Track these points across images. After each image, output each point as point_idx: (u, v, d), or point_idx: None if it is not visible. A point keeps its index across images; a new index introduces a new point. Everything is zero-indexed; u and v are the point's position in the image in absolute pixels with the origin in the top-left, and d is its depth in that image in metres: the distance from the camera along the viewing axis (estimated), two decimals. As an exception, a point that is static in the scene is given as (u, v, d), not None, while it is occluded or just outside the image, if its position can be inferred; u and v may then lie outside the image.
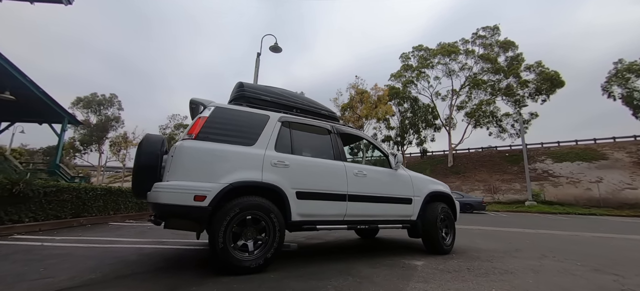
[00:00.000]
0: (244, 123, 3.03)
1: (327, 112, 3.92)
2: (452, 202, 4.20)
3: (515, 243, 5.07)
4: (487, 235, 6.34)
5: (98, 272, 2.54)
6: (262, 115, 3.18)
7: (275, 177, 2.87)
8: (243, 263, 2.53)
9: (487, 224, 9.16)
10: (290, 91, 3.84)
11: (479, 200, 15.82)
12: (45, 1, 8.14)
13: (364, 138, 3.96)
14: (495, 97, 30.91)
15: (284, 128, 3.25)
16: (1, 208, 4.25)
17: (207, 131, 2.82)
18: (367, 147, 4.29)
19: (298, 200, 2.95)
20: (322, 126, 3.54)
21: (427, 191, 3.90)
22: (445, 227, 4.00)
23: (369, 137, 3.99)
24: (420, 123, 35.12)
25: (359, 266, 2.97)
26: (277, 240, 2.71)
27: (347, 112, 30.66)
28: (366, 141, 3.99)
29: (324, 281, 2.40)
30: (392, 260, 3.33)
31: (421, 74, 33.54)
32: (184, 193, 2.49)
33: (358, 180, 3.37)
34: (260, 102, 3.40)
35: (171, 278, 2.40)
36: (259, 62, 12.18)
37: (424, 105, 35.48)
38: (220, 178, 2.63)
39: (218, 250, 2.46)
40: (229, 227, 2.54)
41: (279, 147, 3.09)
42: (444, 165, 34.47)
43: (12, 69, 7.90)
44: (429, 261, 3.31)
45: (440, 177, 30.52)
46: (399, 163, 3.74)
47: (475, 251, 4.13)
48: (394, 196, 3.60)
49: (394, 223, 3.60)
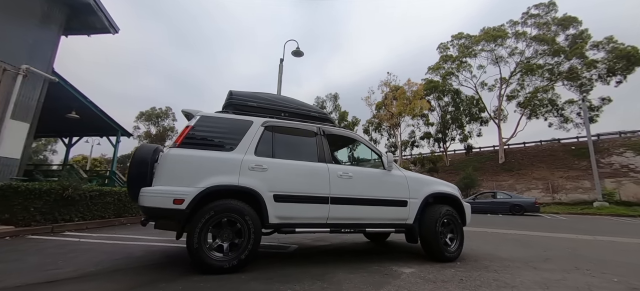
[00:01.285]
0: (226, 129, 3.17)
1: (317, 113, 3.88)
2: (459, 204, 3.81)
3: (550, 252, 4.39)
4: (520, 240, 5.59)
5: (100, 266, 2.89)
6: (245, 121, 3.29)
7: (252, 181, 2.94)
8: (216, 263, 2.65)
9: (531, 228, 8.06)
10: (281, 95, 3.91)
11: (530, 201, 13.97)
12: (98, 32, 9.55)
13: (354, 139, 3.81)
14: (553, 82, 27.05)
15: (267, 132, 3.31)
16: (55, 209, 5.10)
17: (190, 139, 3.02)
18: (358, 146, 4.12)
19: (276, 202, 2.97)
20: (307, 128, 3.52)
21: (426, 193, 3.60)
22: (450, 232, 3.65)
23: (359, 137, 3.84)
24: (464, 118, 32.46)
25: (338, 271, 2.88)
26: (251, 242, 2.77)
27: (382, 110, 29.79)
28: (357, 141, 3.83)
29: (289, 285, 2.38)
30: (381, 265, 3.15)
31: (462, 64, 30.99)
32: (164, 197, 2.70)
33: (342, 182, 3.27)
34: (247, 108, 3.52)
35: (154, 274, 2.62)
36: (282, 67, 12.55)
37: (467, 97, 32.76)
38: (198, 183, 2.79)
39: (193, 249, 2.62)
40: (204, 229, 2.68)
41: (260, 151, 3.16)
42: (493, 162, 31.26)
43: (75, 92, 9.46)
44: (422, 269, 3.05)
45: (489, 176, 27.88)
46: (391, 163, 3.52)
47: (489, 259, 3.68)
48: (385, 198, 3.40)
49: (386, 227, 3.40)
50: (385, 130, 33.92)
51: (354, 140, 3.80)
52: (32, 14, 7.81)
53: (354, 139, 3.79)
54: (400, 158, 35.80)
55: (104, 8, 9.04)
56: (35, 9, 7.86)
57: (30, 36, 7.77)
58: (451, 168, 31.91)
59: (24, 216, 4.64)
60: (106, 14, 9.15)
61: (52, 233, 4.88)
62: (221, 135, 3.14)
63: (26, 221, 4.65)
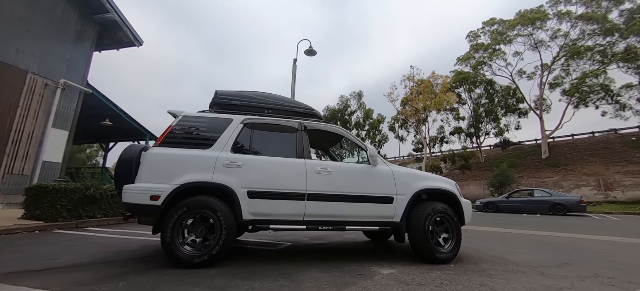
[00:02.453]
0: (206, 128, 3.24)
1: (303, 109, 3.81)
2: (456, 201, 3.48)
3: (575, 256, 3.84)
4: (545, 243, 4.97)
5: (93, 258, 3.12)
6: (225, 120, 3.33)
7: (226, 178, 2.96)
8: (187, 258, 2.70)
9: (569, 230, 7.15)
10: (266, 93, 3.88)
11: (574, 199, 12.42)
12: (126, 46, 10.44)
13: (338, 134, 3.66)
14: (606, 65, 23.86)
15: (246, 129, 3.33)
16: (80, 207, 5.64)
17: (171, 138, 3.14)
18: (342, 142, 3.93)
19: (250, 199, 2.96)
20: (287, 125, 3.46)
21: (416, 189, 3.34)
22: (444, 232, 3.35)
23: (343, 132, 3.67)
24: (499, 110, 30.04)
25: (311, 270, 2.77)
26: (223, 238, 2.79)
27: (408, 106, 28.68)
28: (342, 136, 3.67)
29: (250, 282, 2.34)
30: (361, 265, 2.98)
31: (496, 52, 28.65)
32: (142, 194, 2.83)
33: (320, 179, 3.16)
34: (230, 106, 3.57)
35: (133, 266, 2.76)
36: (295, 68, 12.62)
37: (502, 88, 30.29)
38: (174, 180, 2.88)
39: (165, 244, 2.70)
40: (177, 224, 2.75)
41: (238, 148, 3.19)
42: (536, 158, 28.46)
43: (108, 102, 10.45)
44: (404, 270, 2.83)
45: (530, 172, 25.45)
46: (376, 158, 3.32)
47: (491, 262, 3.32)
48: (368, 195, 3.22)
49: (369, 226, 3.21)
50: (412, 126, 32.62)
51: (339, 136, 3.65)
52: (68, 33, 8.76)
53: (338, 134, 3.64)
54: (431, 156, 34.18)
55: (129, 23, 9.85)
56: (70, 29, 8.81)
57: (67, 53, 8.72)
58: (486, 165, 29.66)
59: (52, 213, 5.20)
60: (131, 28, 9.96)
61: (76, 228, 5.40)
62: (201, 133, 3.21)
63: (54, 217, 5.19)
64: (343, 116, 46.10)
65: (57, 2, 8.47)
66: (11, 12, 7.44)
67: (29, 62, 7.80)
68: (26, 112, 7.73)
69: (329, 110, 47.45)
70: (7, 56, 7.36)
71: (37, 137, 7.96)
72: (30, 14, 7.81)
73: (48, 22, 8.22)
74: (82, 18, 9.10)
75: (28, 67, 7.77)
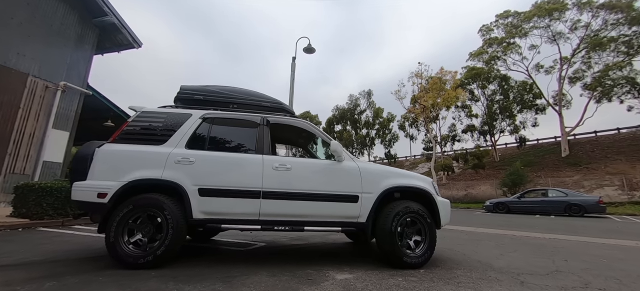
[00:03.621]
0: (163, 124, 3.11)
1: (270, 103, 3.62)
2: (430, 200, 3.18)
3: (571, 262, 3.45)
4: (545, 247, 4.54)
5: (47, 256, 3.08)
6: (183, 114, 3.20)
7: (176, 174, 2.82)
8: (131, 258, 2.57)
9: (581, 232, 6.57)
10: (233, 87, 3.73)
11: (592, 200, 11.55)
12: (125, 48, 10.64)
13: (302, 128, 3.43)
14: (632, 56, 22.25)
15: (205, 124, 3.18)
16: (67, 205, 5.70)
17: (125, 134, 3.04)
18: (305, 136, 3.69)
19: (201, 197, 2.81)
20: (248, 119, 3.28)
21: (384, 186, 3.07)
22: (416, 234, 3.06)
23: (308, 126, 3.44)
24: (514, 106, 28.73)
25: (261, 272, 2.57)
26: (169, 238, 2.64)
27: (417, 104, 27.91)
28: (303, 130, 3.44)
29: (189, 285, 2.18)
30: (318, 270, 2.75)
31: (510, 46, 27.40)
32: (89, 191, 2.73)
33: (278, 175, 2.96)
34: (193, 101, 3.44)
35: (76, 266, 2.67)
36: (294, 65, 12.46)
37: (517, 83, 28.96)
38: (122, 177, 2.76)
39: (108, 243, 2.58)
40: (122, 223, 2.63)
41: (193, 143, 3.04)
42: (555, 156, 26.99)
43: (108, 103, 10.68)
44: (361, 275, 2.58)
45: (549, 171, 24.15)
46: (340, 153, 3.08)
47: (468, 268, 3.00)
48: (330, 193, 2.98)
49: (330, 226, 2.97)
50: (422, 125, 31.77)
51: (302, 130, 3.42)
52: (68, 37, 8.99)
53: (301, 128, 3.42)
54: (442, 154, 33.18)
55: (127, 26, 10.01)
56: (70, 32, 9.04)
57: (67, 56, 8.95)
58: (501, 164, 28.42)
59: (38, 211, 5.27)
60: (129, 30, 10.13)
61: (62, 226, 5.45)
62: (156, 129, 3.09)
63: (39, 215, 5.26)
64: (352, 115, 45.67)
65: (57, 7, 8.71)
66: (11, 18, 7.69)
67: (30, 65, 8.04)
68: (27, 113, 7.98)
69: (338, 109, 47.17)
70: (8, 60, 7.61)
71: (38, 137, 8.20)
72: (30, 19, 8.06)
73: (48, 26, 8.46)
74: (81, 22, 9.32)
75: (29, 70, 8.02)
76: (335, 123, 47.75)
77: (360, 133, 43.90)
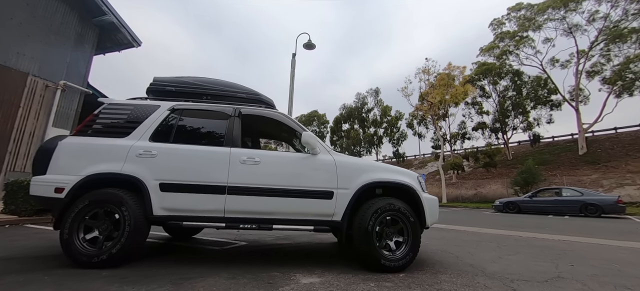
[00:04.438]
0: (128, 116, 2.97)
1: (246, 94, 3.41)
2: (415, 197, 2.89)
3: (578, 267, 3.09)
4: (547, 249, 4.15)
5: (7, 252, 2.99)
6: (150, 106, 3.04)
7: (137, 168, 2.65)
8: (84, 257, 2.41)
9: (594, 234, 6.08)
10: (207, 78, 3.54)
11: (610, 200, 10.82)
12: (125, 48, 10.71)
13: (276, 119, 3.19)
14: (655, 48, 20.93)
15: (173, 116, 3.01)
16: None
17: (89, 127, 2.90)
18: (283, 128, 3.44)
19: (162, 192, 2.63)
20: (220, 110, 3.09)
21: (362, 182, 2.80)
22: (398, 234, 2.78)
23: (282, 117, 3.19)
24: (528, 102, 27.62)
25: (222, 274, 2.36)
26: (125, 236, 2.47)
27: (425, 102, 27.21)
28: (276, 120, 3.20)
29: (136, 286, 2.00)
30: (283, 271, 2.52)
31: (523, 40, 26.32)
32: (46, 186, 2.59)
33: (245, 169, 2.74)
34: (165, 93, 3.29)
35: (30, 264, 2.53)
36: (294, 62, 12.28)
37: (531, 78, 27.82)
38: (81, 171, 2.62)
39: (62, 240, 2.43)
40: (77, 219, 2.48)
41: (159, 136, 2.88)
42: (572, 154, 25.78)
43: (110, 101, 10.78)
44: (329, 280, 2.32)
45: (565, 169, 23.06)
46: (313, 146, 2.83)
47: (455, 273, 2.70)
48: (302, 188, 2.74)
49: (302, 224, 2.72)
50: (430, 123, 31.00)
51: (277, 122, 3.19)
52: (68, 36, 9.09)
53: (276, 120, 3.18)
54: (452, 153, 32.30)
55: (126, 25, 10.05)
56: (70, 32, 9.14)
57: (67, 55, 9.05)
58: (514, 162, 27.38)
59: (26, 207, 5.26)
60: (129, 29, 10.17)
61: (51, 223, 5.42)
62: (121, 121, 2.94)
63: (28, 212, 5.25)
64: (360, 113, 45.20)
65: (57, 7, 8.81)
66: (11, 18, 7.81)
67: (30, 65, 8.15)
68: (27, 112, 8.10)
69: (345, 108, 46.75)
70: (8, 59, 7.72)
71: (38, 135, 8.31)
72: (30, 19, 8.17)
73: (48, 26, 8.56)
74: (81, 21, 9.41)
75: (28, 69, 8.13)
76: (343, 122, 47.39)
77: (368, 132, 43.39)
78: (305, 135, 2.79)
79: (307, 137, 2.78)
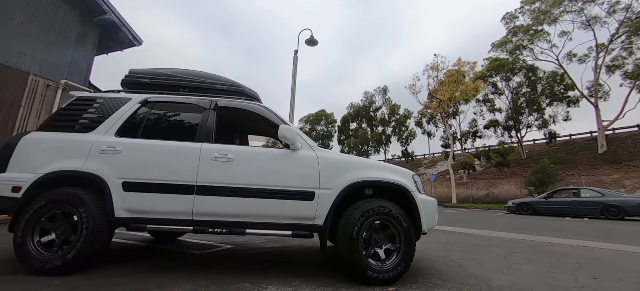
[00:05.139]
0: (97, 110, 2.76)
1: (227, 86, 3.15)
2: (410, 199, 2.54)
3: (602, 281, 2.69)
4: (565, 257, 3.72)
5: None
6: (121, 100, 2.83)
7: (99, 166, 2.42)
8: (38, 263, 2.19)
9: (618, 238, 5.54)
10: (187, 70, 3.30)
11: (634, 201, 10.04)
12: (127, 47, 10.71)
13: (254, 112, 2.90)
14: (684, 39, 19.60)
15: (144, 109, 2.78)
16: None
17: (55, 122, 2.71)
18: (263, 122, 3.14)
19: (125, 192, 2.39)
20: (194, 103, 2.83)
21: (348, 181, 2.48)
22: (389, 241, 2.44)
23: (260, 109, 2.89)
24: (543, 99, 26.47)
25: (180, 285, 2.10)
26: (82, 240, 2.24)
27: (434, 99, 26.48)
28: (253, 113, 2.90)
29: None
30: (255, 283, 2.23)
31: (538, 34, 25.23)
32: (4, 185, 2.40)
33: (217, 167, 2.47)
34: (140, 86, 3.07)
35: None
36: (296, 59, 12.03)
37: (546, 74, 26.65)
38: (40, 169, 2.41)
39: (15, 244, 2.22)
40: (32, 221, 2.27)
41: (126, 131, 2.64)
42: (591, 153, 24.53)
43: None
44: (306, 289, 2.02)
45: (584, 169, 21.93)
46: (293, 140, 2.53)
47: (458, 287, 2.35)
48: (280, 188, 2.44)
49: (278, 229, 2.42)
50: (439, 121, 30.19)
51: (257, 115, 2.90)
52: (70, 36, 9.11)
53: (255, 112, 2.89)
54: (463, 152, 31.38)
55: (127, 24, 10.03)
56: (72, 32, 9.16)
57: (69, 55, 9.08)
58: (528, 162, 26.29)
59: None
60: (130, 29, 10.15)
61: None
62: (89, 116, 2.73)
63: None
64: (368, 112, 44.62)
65: (59, 7, 8.84)
66: (12, 18, 7.85)
67: (31, 64, 8.18)
68: (28, 112, 8.13)
69: (353, 107, 46.23)
70: (9, 59, 7.76)
71: (40, 135, 8.34)
72: (31, 20, 8.20)
73: (49, 25, 8.59)
74: (83, 21, 9.43)
75: (30, 69, 8.16)
76: (351, 122, 46.92)
77: (376, 131, 42.76)
78: (283, 129, 2.48)
79: (285, 130, 2.47)
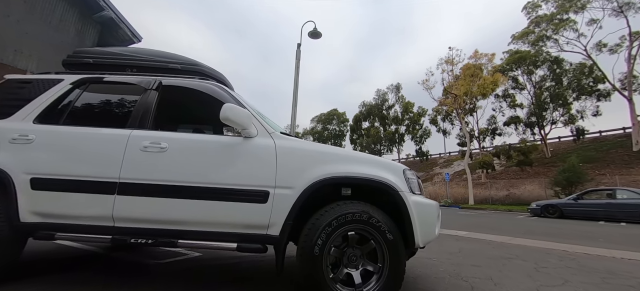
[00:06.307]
0: (21, 93, 2.31)
1: (181, 65, 2.62)
2: (400, 202, 1.89)
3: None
4: (610, 274, 2.93)
5: None
6: (52, 80, 2.38)
7: (4, 157, 1.95)
8: None
9: None
10: (139, 48, 2.83)
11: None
12: (127, 43, 10.55)
13: (204, 92, 2.33)
14: None
15: (76, 91, 2.31)
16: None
17: None
18: (213, 104, 2.56)
19: (33, 190, 1.90)
20: (134, 83, 2.33)
21: (314, 176, 1.87)
22: (367, 259, 1.81)
23: (208, 87, 2.33)
24: (569, 93, 24.58)
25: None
26: (-26, 251, 1.76)
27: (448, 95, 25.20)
28: (204, 94, 2.34)
29: None
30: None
31: (562, 23, 23.43)
32: None
33: (145, 159, 1.93)
34: (82, 66, 2.61)
35: None
36: (299, 53, 11.51)
37: (573, 65, 24.74)
38: None
39: None
40: None
41: (48, 116, 2.17)
42: (624, 150, 22.52)
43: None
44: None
45: (616, 168, 20.12)
46: (244, 125, 1.94)
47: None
48: (223, 186, 1.87)
49: (220, 239, 1.85)
50: (455, 118, 28.78)
51: (208, 95, 2.34)
52: (68, 33, 9.00)
53: (205, 92, 2.33)
54: (481, 150, 29.78)
55: (126, 20, 9.87)
56: (70, 29, 9.05)
57: (66, 52, 8.97)
58: (553, 160, 24.51)
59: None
60: (128, 25, 9.98)
61: None
62: (12, 101, 2.28)
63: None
64: (380, 111, 43.53)
65: (56, 4, 8.75)
66: (8, 15, 7.78)
67: (28, 62, 8.11)
68: (25, 110, 8.05)
69: (364, 105, 45.24)
70: (5, 57, 7.69)
71: (36, 133, 8.26)
72: (28, 16, 8.13)
73: (46, 23, 8.51)
74: (82, 18, 9.33)
75: (26, 67, 8.07)
76: (363, 120, 46.00)
77: (389, 130, 41.62)
78: (225, 108, 1.88)
79: (229, 110, 1.87)
